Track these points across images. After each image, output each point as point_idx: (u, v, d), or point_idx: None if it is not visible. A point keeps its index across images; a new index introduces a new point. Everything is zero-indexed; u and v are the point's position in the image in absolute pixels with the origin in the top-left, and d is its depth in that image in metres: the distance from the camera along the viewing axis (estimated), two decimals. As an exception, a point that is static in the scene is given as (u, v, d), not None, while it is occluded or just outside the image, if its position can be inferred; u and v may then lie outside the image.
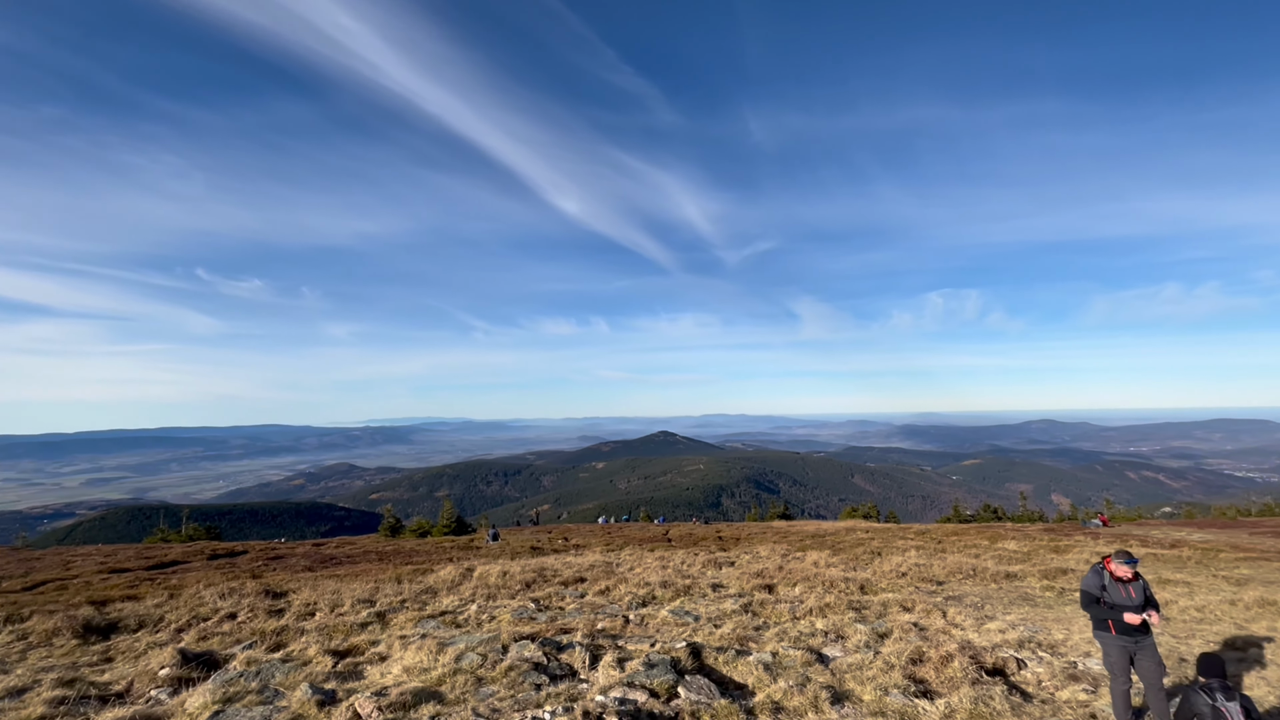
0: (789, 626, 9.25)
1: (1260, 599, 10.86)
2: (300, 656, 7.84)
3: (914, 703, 6.11)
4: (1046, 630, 9.16)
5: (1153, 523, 30.72)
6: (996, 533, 23.94)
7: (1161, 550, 17.54)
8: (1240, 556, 16.20)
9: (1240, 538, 20.22)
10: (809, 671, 7.00)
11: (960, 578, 13.99)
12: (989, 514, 42.77)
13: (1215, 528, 25.09)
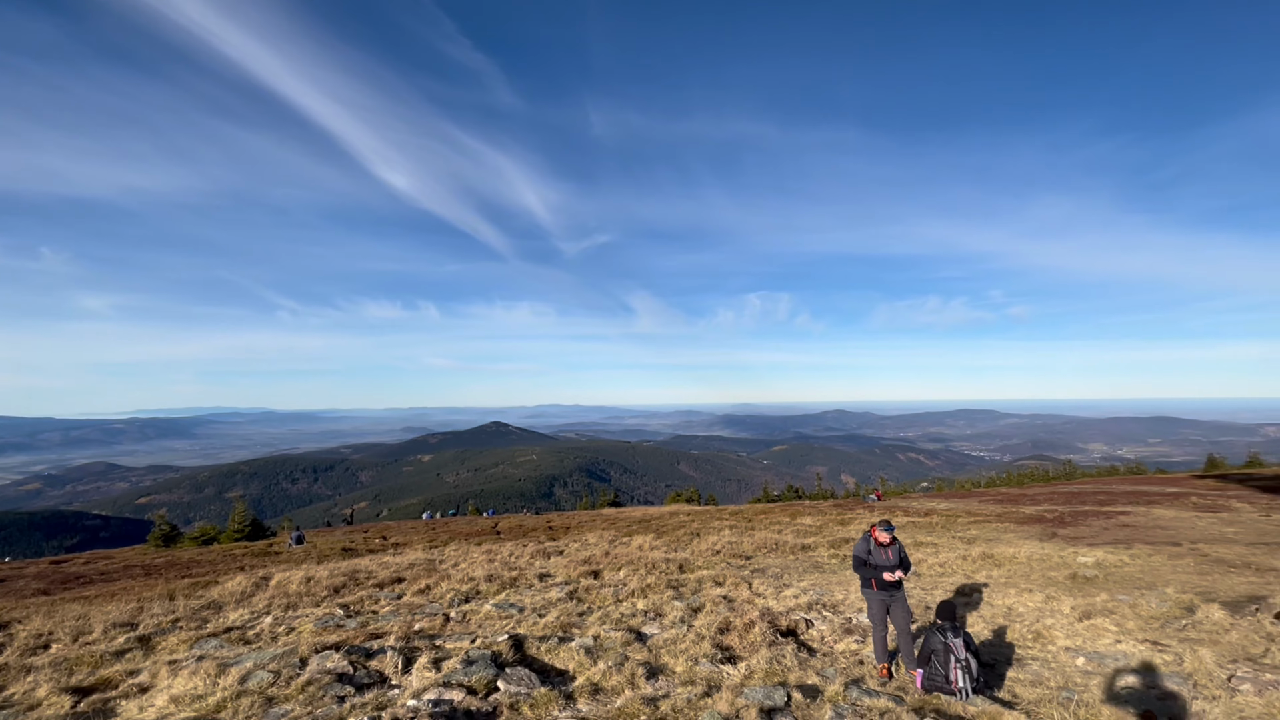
0: (612, 609, 9.55)
1: (983, 554, 13.49)
2: (25, 700, 6.38)
3: (720, 669, 6.65)
4: (830, 593, 10.51)
5: (914, 496, 36.78)
6: (796, 510, 26.94)
7: (918, 518, 21.04)
8: (972, 520, 19.99)
9: (973, 505, 24.96)
10: (628, 651, 7.29)
11: (765, 551, 15.52)
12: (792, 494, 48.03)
13: (957, 498, 30.68)
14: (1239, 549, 13.16)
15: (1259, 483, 29.43)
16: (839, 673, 6.60)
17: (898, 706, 5.37)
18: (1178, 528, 16.60)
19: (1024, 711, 5.43)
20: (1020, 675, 6.59)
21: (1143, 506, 21.45)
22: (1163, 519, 18.38)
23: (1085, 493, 28.21)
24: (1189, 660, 6.58)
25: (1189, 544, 13.89)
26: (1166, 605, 8.79)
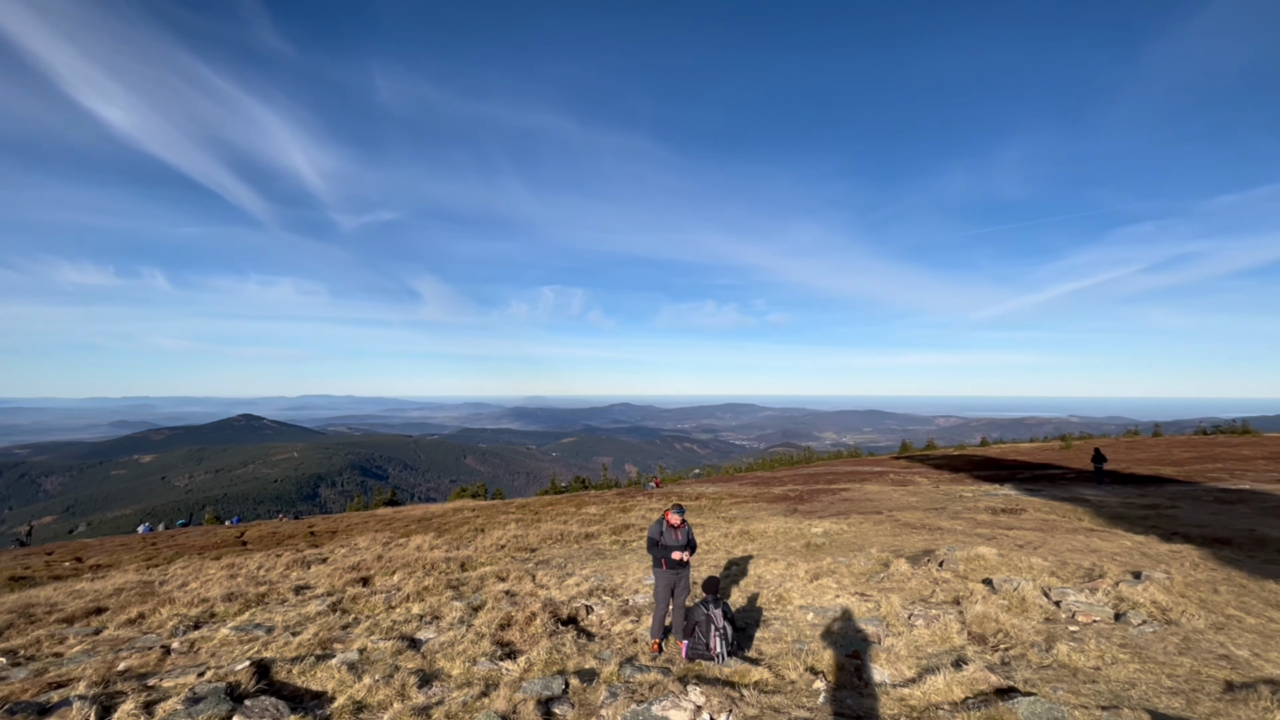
0: (383, 618, 8.82)
1: (741, 530, 15.26)
2: None
3: (499, 665, 6.53)
4: (610, 578, 10.99)
5: (687, 482, 40.30)
6: (582, 500, 27.74)
7: (690, 501, 23.08)
8: (734, 501, 22.52)
9: (735, 488, 28.15)
10: (399, 660, 6.78)
11: (550, 543, 15.68)
12: (579, 485, 49.36)
13: (722, 482, 34.33)
14: (919, 514, 16.76)
15: (933, 461, 37.82)
16: (615, 653, 6.92)
17: (665, 677, 5.80)
18: (880, 499, 20.60)
19: (766, 665, 6.26)
20: (765, 634, 7.58)
21: (858, 484, 26.20)
22: (871, 493, 22.65)
23: (819, 474, 33.56)
24: (884, 605, 8.18)
25: (888, 512, 17.32)
26: (870, 563, 10.84)
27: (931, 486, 24.29)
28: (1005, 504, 17.72)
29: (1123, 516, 15.13)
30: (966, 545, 11.35)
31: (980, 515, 16.02)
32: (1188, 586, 8.51)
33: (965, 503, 18.59)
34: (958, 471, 30.68)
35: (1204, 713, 5.05)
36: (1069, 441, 46.59)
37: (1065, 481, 24.75)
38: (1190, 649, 6.43)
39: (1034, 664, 6.21)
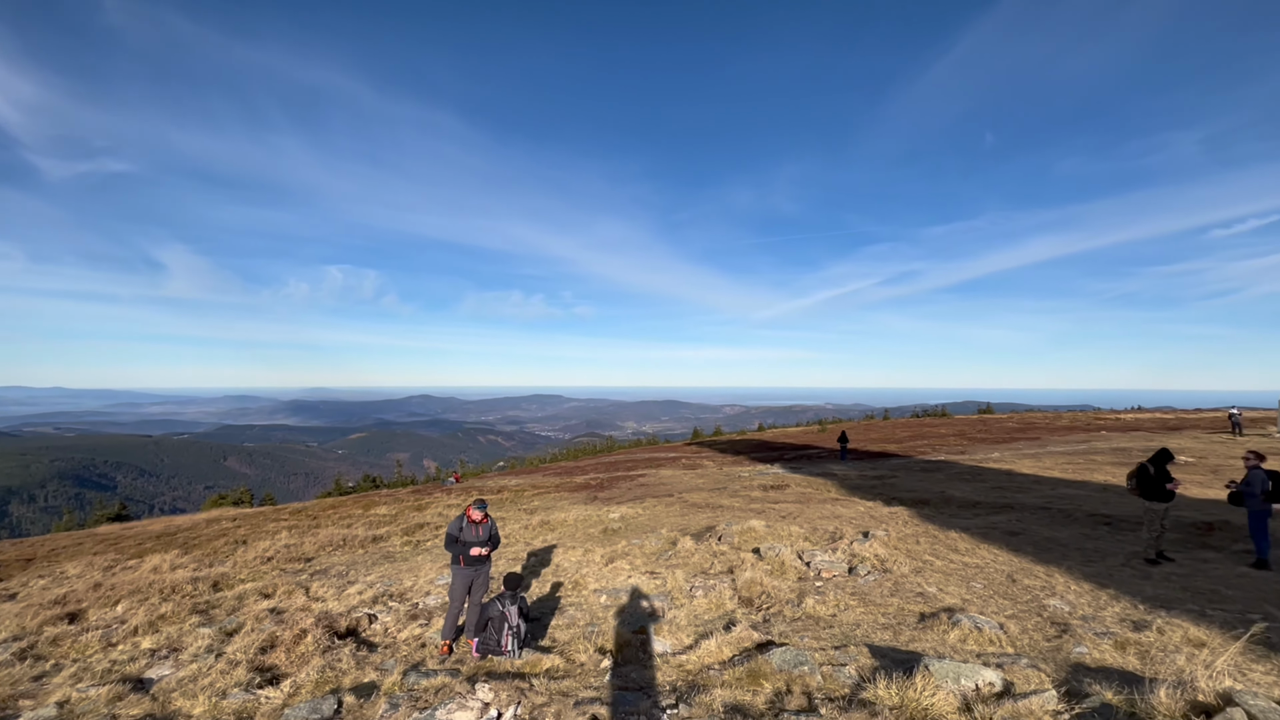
0: (98, 659, 7.21)
1: (541, 521, 15.32)
2: None
3: (256, 695, 5.72)
4: (400, 581, 10.29)
5: (490, 475, 39.33)
6: (372, 500, 25.55)
7: (492, 495, 22.56)
8: (536, 493, 22.52)
9: (538, 479, 28.17)
10: (118, 708, 5.60)
11: (331, 549, 14.19)
12: (369, 484, 45.34)
13: (526, 474, 34.13)
14: (705, 494, 18.38)
15: (720, 446, 41.70)
16: (399, 661, 6.49)
17: (453, 679, 5.59)
18: (673, 483, 22.18)
19: (559, 652, 6.37)
20: (560, 621, 7.71)
21: (654, 469, 27.90)
22: (665, 477, 24.28)
23: (619, 461, 35.05)
24: (669, 581, 8.83)
25: (678, 494, 18.72)
26: (660, 542, 11.62)
27: (717, 469, 26.79)
28: (774, 481, 20.24)
29: (859, 486, 18.20)
30: (741, 520, 12.73)
31: (754, 492, 18.09)
32: (899, 540, 10.53)
33: (743, 482, 20.84)
34: (739, 454, 34.25)
35: (905, 640, 6.29)
36: (824, 425, 54.71)
37: (820, 459, 29.02)
38: (898, 591, 7.98)
39: (788, 618, 7.19)
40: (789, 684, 5.14)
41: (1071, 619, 6.71)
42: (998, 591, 7.83)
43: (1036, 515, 12.59)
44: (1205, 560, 9.03)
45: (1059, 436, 31.80)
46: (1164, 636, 6.01)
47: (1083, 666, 5.47)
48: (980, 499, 14.78)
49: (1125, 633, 6.16)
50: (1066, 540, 10.43)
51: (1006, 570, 8.74)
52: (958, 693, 4.74)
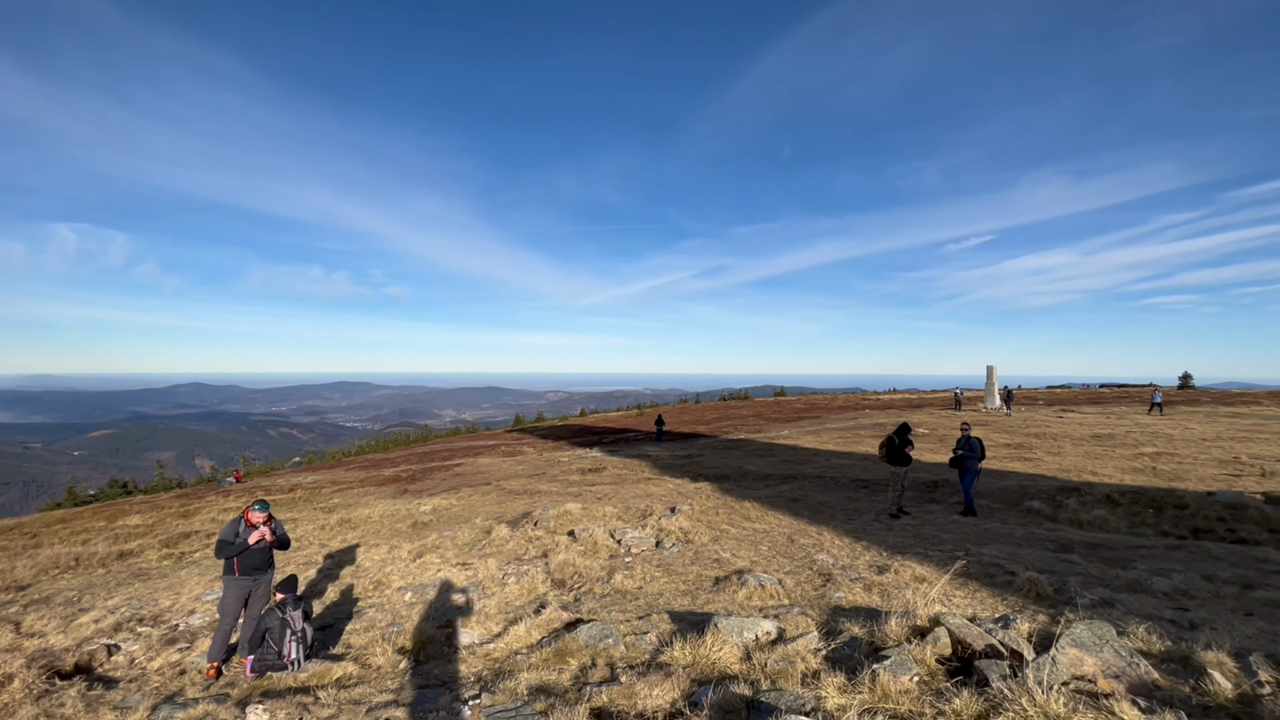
0: None
1: (341, 519, 14.02)
2: None
3: (-70, 766, 4.48)
4: (155, 602, 8.72)
5: (283, 472, 34.95)
6: (120, 509, 21.27)
7: (282, 495, 20.09)
8: (336, 489, 20.53)
9: (340, 474, 25.70)
10: None
11: (57, 573, 11.57)
12: (118, 489, 37.67)
13: (325, 469, 30.93)
14: (523, 481, 18.23)
15: (541, 432, 41.62)
16: (148, 695, 5.51)
17: (220, 706, 4.89)
18: (491, 471, 21.67)
19: (353, 659, 5.89)
20: (357, 625, 7.13)
21: (471, 458, 27.01)
22: (483, 466, 23.63)
23: (435, 451, 33.35)
24: (481, 570, 8.64)
25: (496, 482, 18.34)
26: (474, 532, 11.30)
27: (537, 455, 26.73)
28: (592, 464, 20.75)
29: (670, 466, 19.40)
30: (559, 504, 12.86)
31: (572, 476, 18.38)
32: (702, 513, 11.44)
33: (562, 466, 21.06)
34: (560, 440, 34.51)
35: (701, 603, 6.87)
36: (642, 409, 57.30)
37: (637, 442, 30.37)
38: (698, 559, 8.67)
39: (598, 595, 7.44)
40: (594, 657, 5.33)
41: (834, 569, 7.85)
42: (780, 551, 8.89)
43: (814, 483, 14.50)
44: (930, 512, 11.14)
45: (835, 415, 36.90)
46: (899, 576, 7.30)
47: (840, 608, 6.44)
48: (771, 472, 16.62)
49: (872, 576, 7.38)
50: (835, 503, 12.17)
51: (788, 532, 9.96)
52: (740, 644, 5.30)
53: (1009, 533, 9.55)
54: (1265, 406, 32.22)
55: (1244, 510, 10.05)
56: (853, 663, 4.79)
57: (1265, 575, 7.16)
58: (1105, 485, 12.43)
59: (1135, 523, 10.16)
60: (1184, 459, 15.40)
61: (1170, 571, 7.27)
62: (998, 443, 19.43)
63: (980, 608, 6.31)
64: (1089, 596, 6.36)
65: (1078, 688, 4.21)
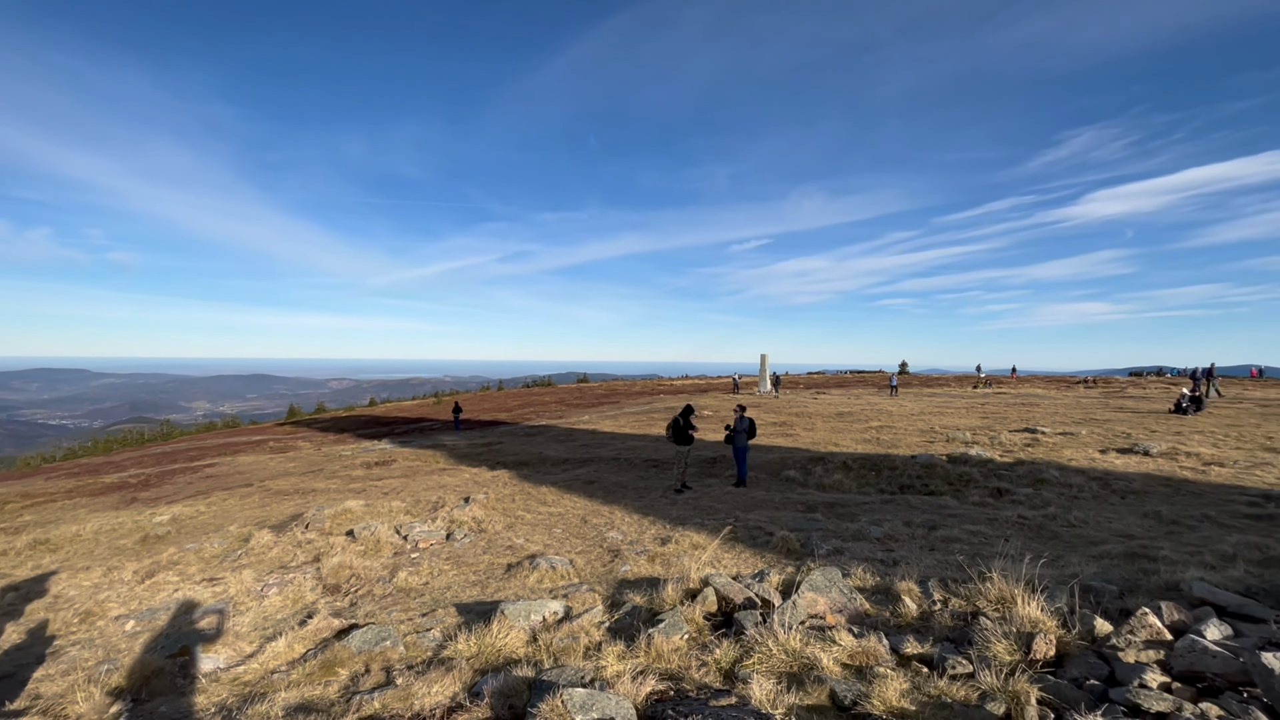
0: None
1: (34, 541, 11.12)
2: None
3: None
4: None
5: (-61, 488, 26.57)
6: None
7: (-63, 517, 15.27)
8: (29, 504, 16.22)
9: (35, 485, 20.34)
10: None
11: None
12: None
13: (14, 480, 24.26)
14: (295, 479, 16.21)
15: (321, 425, 37.38)
16: None
17: None
18: (254, 470, 18.88)
19: (42, 712, 4.70)
20: (52, 669, 5.72)
21: (229, 456, 23.27)
22: (244, 465, 20.48)
23: (179, 451, 28.10)
24: (234, 585, 7.48)
25: (259, 483, 16.02)
26: (228, 542, 9.75)
27: (314, 450, 23.95)
28: (380, 457, 19.19)
29: (468, 455, 18.74)
30: (337, 502, 11.66)
31: (356, 471, 16.81)
32: (497, 501, 11.25)
33: (344, 461, 19.14)
34: (343, 432, 31.35)
35: (491, 591, 6.75)
36: (440, 397, 54.47)
37: (433, 431, 28.81)
38: (491, 548, 8.52)
39: (378, 596, 6.91)
40: (368, 664, 4.94)
41: (623, 545, 8.27)
42: (573, 533, 9.11)
43: (609, 465, 15.11)
44: (709, 485, 12.30)
45: (633, 400, 38.82)
46: (679, 545, 7.94)
47: (626, 581, 6.79)
48: (570, 456, 16.93)
49: (656, 548, 7.92)
50: (627, 483, 12.81)
51: (582, 514, 10.24)
52: (528, 628, 5.32)
53: (770, 499, 10.94)
54: (952, 388, 41.23)
55: (933, 469, 12.76)
56: (633, 630, 5.09)
57: (945, 518, 9.18)
58: (843, 454, 14.86)
59: (863, 483, 12.32)
60: (899, 430, 19.04)
61: (883, 520, 8.96)
62: (766, 421, 22.11)
63: (744, 566, 7.13)
64: (826, 547, 7.56)
65: (812, 624, 4.96)
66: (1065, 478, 11.59)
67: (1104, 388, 37.15)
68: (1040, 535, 8.18)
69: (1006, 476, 11.95)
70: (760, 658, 4.24)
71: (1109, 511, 9.37)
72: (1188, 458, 12.81)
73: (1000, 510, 9.70)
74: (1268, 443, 14.10)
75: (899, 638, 4.57)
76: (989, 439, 16.44)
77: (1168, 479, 11.27)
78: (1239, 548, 6.83)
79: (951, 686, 3.72)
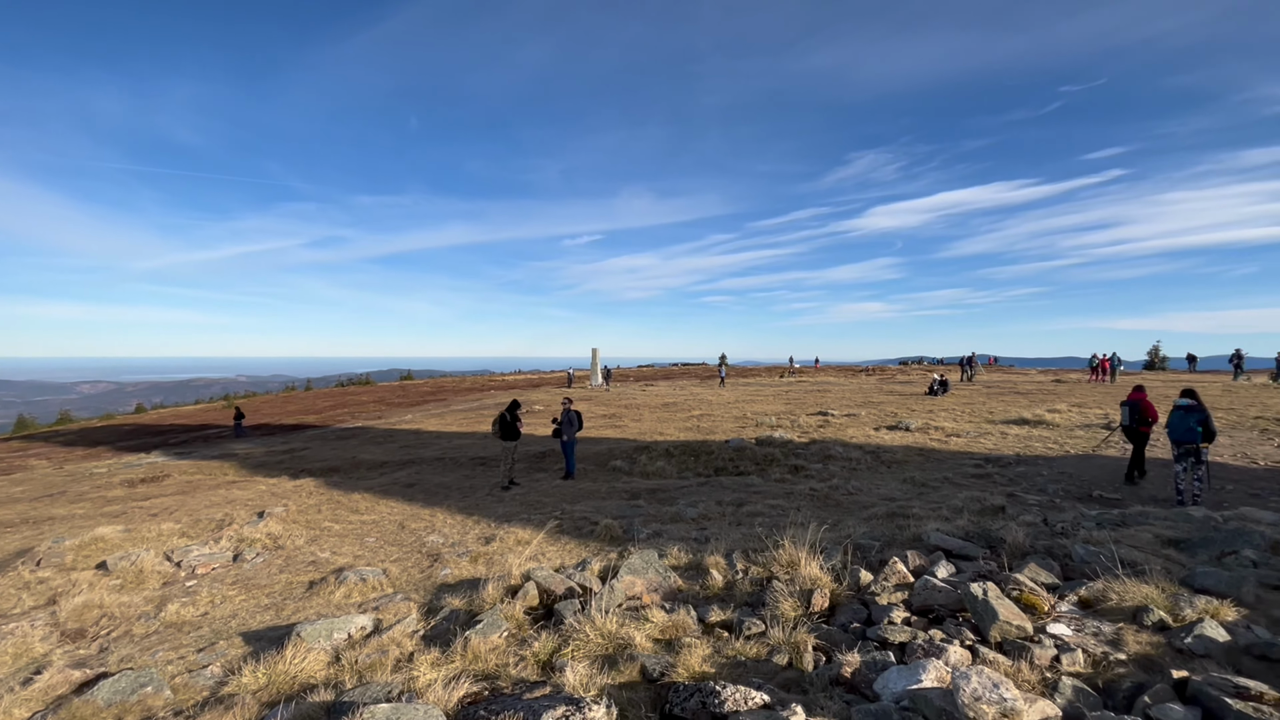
0: None
1: None
2: None
3: None
4: None
5: None
6: None
7: None
8: None
9: None
10: None
11: None
12: None
13: None
14: (23, 507, 13.11)
15: (65, 438, 30.66)
16: None
17: None
18: (-41, 499, 14.91)
19: None
20: None
21: (-80, 484, 18.10)
22: (-57, 493, 16.08)
23: None
24: (-79, 647, 5.85)
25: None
26: (-87, 593, 7.59)
27: (54, 469, 19.57)
28: (149, 473, 16.24)
29: (265, 464, 16.60)
30: (84, 530, 9.65)
31: (114, 491, 14.06)
32: (299, 513, 10.12)
33: (97, 480, 15.89)
34: (97, 445, 26.06)
35: (288, 614, 6.06)
36: (232, 400, 47.56)
37: (221, 440, 25.08)
38: (289, 566, 7.64)
39: (139, 636, 5.85)
40: (121, 716, 4.17)
41: (444, 548, 7.92)
42: (389, 540, 8.51)
43: (432, 466, 14.35)
44: (537, 480, 12.24)
45: (461, 397, 37.25)
46: (503, 543, 7.80)
47: (446, 585, 6.51)
48: (388, 459, 15.78)
49: (479, 548, 7.70)
50: (451, 483, 12.28)
51: (399, 519, 9.60)
52: (329, 648, 4.87)
53: (597, 489, 11.20)
54: (764, 378, 45.55)
55: (744, 451, 14.00)
56: (450, 635, 4.90)
57: (751, 495, 10.12)
58: (666, 442, 15.69)
59: (683, 469, 13.13)
60: (716, 418, 20.57)
61: (699, 502, 9.63)
62: (596, 414, 22.56)
63: (568, 557, 7.22)
64: (646, 531, 7.93)
65: (629, 606, 5.18)
66: (847, 453, 13.41)
67: (880, 375, 43.59)
68: (826, 504, 9.38)
69: (802, 454, 13.50)
70: (578, 644, 4.33)
71: (879, 479, 11.03)
72: (935, 431, 15.53)
73: (796, 485, 10.94)
74: (989, 417, 17.61)
75: (706, 608, 4.95)
76: (790, 422, 18.44)
77: (921, 449, 13.56)
78: (965, 501, 8.46)
79: (747, 646, 4.12)
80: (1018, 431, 15.06)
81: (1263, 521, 5.85)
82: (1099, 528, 6.11)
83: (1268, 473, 9.87)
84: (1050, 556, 5.27)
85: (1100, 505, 8.44)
